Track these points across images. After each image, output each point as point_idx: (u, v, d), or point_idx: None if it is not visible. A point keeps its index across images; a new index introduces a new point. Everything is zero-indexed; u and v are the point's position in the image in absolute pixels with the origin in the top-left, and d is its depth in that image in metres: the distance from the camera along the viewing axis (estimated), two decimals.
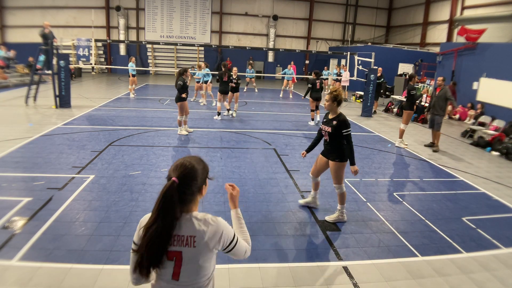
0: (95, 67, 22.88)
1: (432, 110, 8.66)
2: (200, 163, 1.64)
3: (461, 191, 6.11)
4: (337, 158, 4.45)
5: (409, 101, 8.79)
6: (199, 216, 1.61)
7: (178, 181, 1.52)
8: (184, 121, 8.79)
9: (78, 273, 3.30)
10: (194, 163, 1.60)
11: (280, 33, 26.32)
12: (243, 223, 1.86)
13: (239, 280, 3.35)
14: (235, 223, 1.85)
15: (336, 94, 4.36)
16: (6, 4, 23.07)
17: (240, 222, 1.85)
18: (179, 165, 1.58)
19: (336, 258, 3.82)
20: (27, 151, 6.78)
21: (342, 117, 4.38)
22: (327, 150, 4.60)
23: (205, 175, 1.65)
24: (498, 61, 12.45)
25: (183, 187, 1.54)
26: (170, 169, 1.59)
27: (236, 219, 1.86)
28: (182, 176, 1.54)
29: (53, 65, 11.36)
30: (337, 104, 4.40)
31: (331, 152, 4.51)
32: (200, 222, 1.59)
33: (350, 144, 4.35)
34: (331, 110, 4.45)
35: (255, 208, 4.90)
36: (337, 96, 4.36)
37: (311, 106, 10.96)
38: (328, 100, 4.42)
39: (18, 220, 4.16)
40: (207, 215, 1.63)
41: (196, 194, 1.62)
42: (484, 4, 17.27)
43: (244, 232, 1.83)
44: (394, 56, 19.82)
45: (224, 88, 10.79)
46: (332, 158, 4.49)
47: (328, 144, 4.53)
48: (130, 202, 4.83)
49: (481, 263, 3.87)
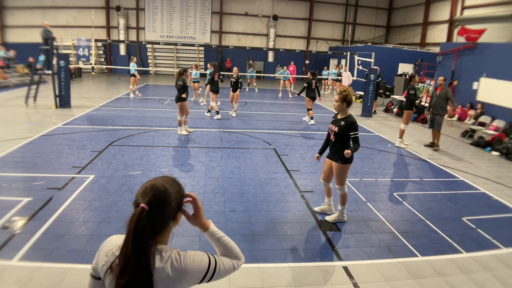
0: (95, 67, 22.88)
1: (432, 110, 8.66)
2: (174, 185, 1.38)
3: (461, 191, 6.11)
4: (340, 160, 4.41)
5: (409, 101, 8.80)
6: (165, 254, 1.32)
7: (148, 207, 1.27)
8: (184, 121, 8.79)
9: (78, 273, 3.30)
10: (167, 186, 1.35)
11: (280, 33, 26.32)
12: (222, 237, 1.52)
13: (239, 280, 3.35)
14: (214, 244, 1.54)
15: (345, 94, 4.28)
16: (6, 4, 23.07)
17: (219, 239, 1.51)
18: (149, 188, 1.32)
19: (336, 258, 3.82)
20: (27, 151, 6.79)
21: (351, 119, 4.33)
22: (331, 151, 4.56)
23: (180, 198, 1.39)
24: (498, 61, 12.45)
25: (154, 215, 1.28)
26: (137, 193, 1.33)
27: (213, 240, 1.52)
28: (153, 202, 1.29)
29: (53, 65, 11.36)
30: (346, 104, 4.33)
31: (335, 153, 4.47)
32: (163, 260, 1.31)
33: (357, 145, 4.34)
34: (341, 110, 4.40)
35: (255, 208, 4.90)
36: (347, 96, 4.28)
37: (308, 106, 11.03)
38: (338, 100, 4.34)
39: (18, 220, 4.16)
40: (175, 254, 1.34)
41: (170, 222, 1.36)
42: (484, 4, 17.27)
43: (225, 245, 1.52)
44: (394, 56, 19.82)
45: (215, 87, 10.91)
46: (336, 159, 4.46)
47: (333, 144, 4.49)
48: (130, 202, 4.80)
49: (481, 263, 3.87)
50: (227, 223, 4.42)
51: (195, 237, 4.04)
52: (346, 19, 26.91)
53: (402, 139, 8.83)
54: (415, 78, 8.95)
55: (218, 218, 4.52)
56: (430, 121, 8.86)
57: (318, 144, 8.52)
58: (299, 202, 5.17)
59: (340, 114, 4.44)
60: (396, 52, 20.23)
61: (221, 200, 5.08)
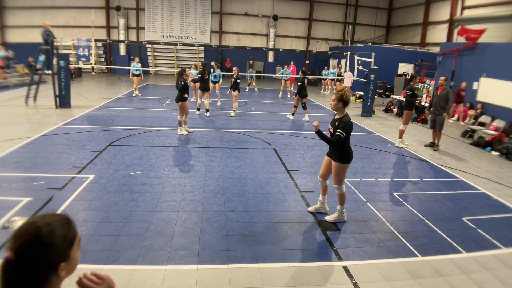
0: (95, 67, 22.87)
1: (433, 110, 8.67)
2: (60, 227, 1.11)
3: (461, 191, 6.11)
4: (339, 159, 4.42)
5: (407, 101, 8.82)
6: None
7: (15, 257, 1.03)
8: (184, 121, 8.79)
9: (78, 273, 3.30)
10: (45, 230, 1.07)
11: (280, 33, 26.31)
12: None
13: (239, 280, 3.35)
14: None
15: (341, 94, 4.26)
16: (6, 4, 23.06)
17: None
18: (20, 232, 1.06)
19: (336, 258, 3.82)
20: (27, 151, 6.78)
21: (346, 118, 4.31)
22: (330, 150, 4.59)
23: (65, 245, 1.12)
24: (498, 61, 12.45)
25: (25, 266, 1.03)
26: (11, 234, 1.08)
27: None
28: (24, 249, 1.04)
29: (53, 65, 11.36)
30: (343, 104, 4.30)
31: (334, 152, 4.49)
32: None
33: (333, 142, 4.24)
34: (337, 110, 4.38)
35: (255, 208, 4.90)
36: (343, 96, 4.26)
37: (296, 103, 11.51)
38: (334, 100, 4.33)
39: (18, 220, 4.15)
40: None
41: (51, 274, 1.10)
42: (484, 4, 17.27)
43: None
44: (394, 56, 19.81)
45: (205, 85, 11.04)
46: (334, 158, 4.48)
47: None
48: (130, 202, 4.83)
49: (481, 263, 3.87)
50: (227, 223, 4.42)
51: (195, 237, 4.04)
52: (346, 19, 26.90)
53: (402, 139, 8.83)
54: (415, 79, 8.95)
55: (218, 218, 4.52)
56: (431, 121, 8.87)
57: (318, 144, 8.52)
58: (299, 202, 5.17)
59: (337, 114, 4.44)
60: (396, 52, 20.23)
61: (221, 200, 5.08)
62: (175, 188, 5.42)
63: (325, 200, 4.87)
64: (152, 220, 4.37)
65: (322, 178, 4.75)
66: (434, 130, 8.80)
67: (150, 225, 4.24)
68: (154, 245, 3.84)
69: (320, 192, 4.86)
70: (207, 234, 4.14)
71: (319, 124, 4.13)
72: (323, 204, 4.87)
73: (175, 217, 4.48)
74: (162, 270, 3.42)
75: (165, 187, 5.41)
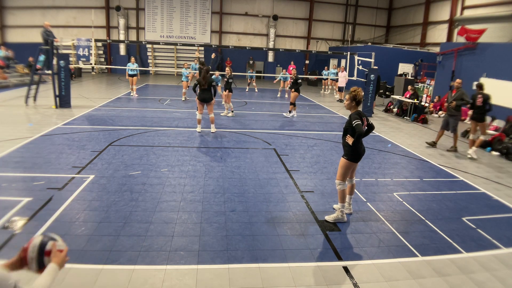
0: (95, 67, 22.88)
1: (448, 111, 8.70)
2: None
3: (461, 191, 6.11)
4: (346, 155, 4.53)
5: (481, 110, 8.22)
6: None
7: None
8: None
9: (78, 273, 3.30)
10: None
11: (280, 33, 26.32)
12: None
13: (239, 280, 3.35)
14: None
15: (355, 94, 4.49)
16: (6, 4, 23.07)
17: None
18: None
19: (336, 258, 3.82)
20: (27, 151, 6.78)
21: (352, 113, 4.49)
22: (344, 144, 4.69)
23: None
24: (498, 61, 12.46)
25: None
26: None
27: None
28: None
29: (53, 65, 11.36)
30: (356, 103, 4.51)
31: (343, 148, 4.63)
32: None
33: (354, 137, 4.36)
34: (350, 109, 4.59)
35: (255, 208, 4.90)
36: (356, 96, 4.48)
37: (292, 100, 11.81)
38: (348, 99, 4.56)
39: (18, 220, 4.16)
40: None
41: None
42: (484, 4, 17.27)
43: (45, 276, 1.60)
44: (394, 56, 19.82)
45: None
46: (343, 154, 4.60)
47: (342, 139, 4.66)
48: (130, 202, 4.83)
49: (481, 263, 3.87)
50: (227, 223, 4.42)
51: (195, 237, 4.04)
52: (346, 19, 26.91)
53: (475, 149, 8.35)
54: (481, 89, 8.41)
55: (218, 218, 4.52)
56: (444, 121, 8.85)
57: (318, 144, 8.52)
58: (299, 202, 5.17)
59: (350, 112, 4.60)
60: (396, 52, 20.24)
61: (221, 200, 5.08)
62: (175, 188, 5.42)
63: (350, 201, 4.90)
64: (152, 220, 4.37)
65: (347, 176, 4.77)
66: (442, 131, 8.81)
67: (150, 225, 4.24)
68: (154, 245, 3.84)
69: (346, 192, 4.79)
70: (207, 234, 4.14)
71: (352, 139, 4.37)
72: (348, 204, 4.88)
73: (175, 217, 4.48)
74: (162, 270, 3.42)
75: (165, 187, 5.41)
